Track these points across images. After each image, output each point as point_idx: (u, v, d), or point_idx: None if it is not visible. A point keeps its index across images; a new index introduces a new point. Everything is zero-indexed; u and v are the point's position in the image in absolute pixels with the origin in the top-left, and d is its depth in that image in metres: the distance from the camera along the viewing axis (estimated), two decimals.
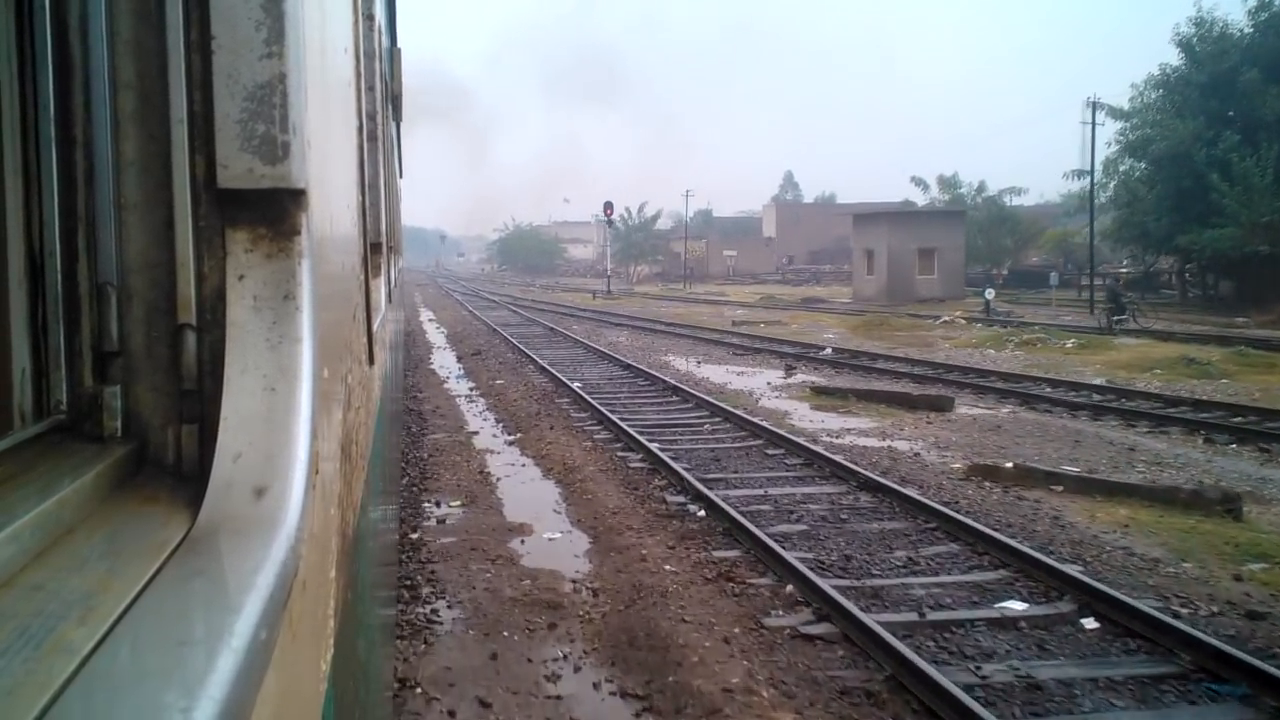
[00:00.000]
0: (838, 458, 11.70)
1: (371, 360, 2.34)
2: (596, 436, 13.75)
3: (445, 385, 20.03)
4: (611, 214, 62.82)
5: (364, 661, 2.06)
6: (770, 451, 12.55)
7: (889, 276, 48.84)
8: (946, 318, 35.63)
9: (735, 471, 11.55)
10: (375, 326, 2.55)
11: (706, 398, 16.39)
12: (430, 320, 40.06)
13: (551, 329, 32.22)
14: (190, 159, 1.02)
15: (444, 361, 24.56)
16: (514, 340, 27.97)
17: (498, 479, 11.57)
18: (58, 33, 1.01)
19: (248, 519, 0.88)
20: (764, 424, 13.79)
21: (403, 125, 10.58)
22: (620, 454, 12.59)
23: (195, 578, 0.80)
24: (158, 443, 1.04)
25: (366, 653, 2.17)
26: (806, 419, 15.35)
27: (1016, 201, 64.23)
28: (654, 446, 12.28)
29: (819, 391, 17.90)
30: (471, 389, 19.28)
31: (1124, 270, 55.23)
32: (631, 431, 13.21)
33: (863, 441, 13.51)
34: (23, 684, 0.61)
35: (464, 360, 24.30)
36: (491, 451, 13.30)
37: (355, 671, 1.77)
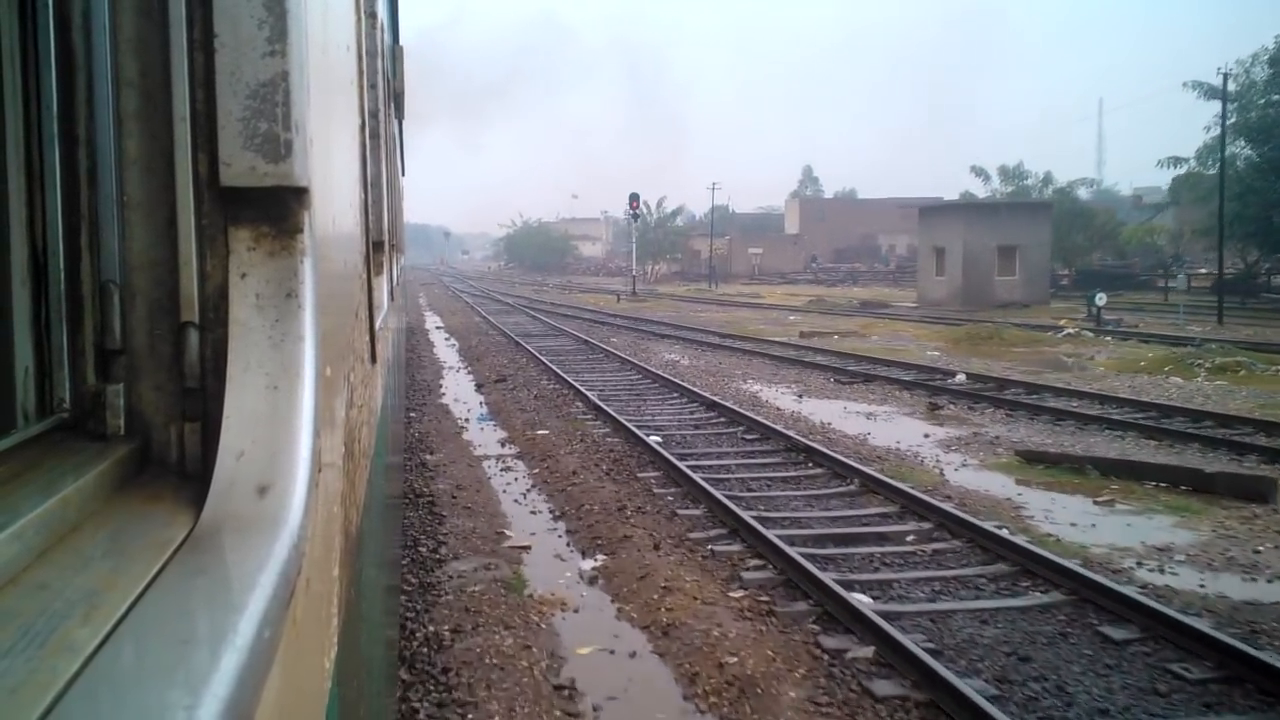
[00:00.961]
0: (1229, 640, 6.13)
1: (374, 358, 2.34)
2: (743, 569, 7.82)
3: (464, 435, 14.34)
4: (637, 207, 57.63)
5: (367, 660, 2.06)
6: (1097, 624, 6.75)
7: (964, 278, 42.89)
8: (1069, 329, 29.66)
9: (1067, 688, 5.79)
10: (377, 325, 2.55)
11: (868, 470, 10.74)
12: (438, 328, 35.02)
13: (585, 341, 26.98)
14: (193, 157, 1.02)
15: (459, 392, 18.93)
16: (544, 359, 22.16)
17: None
18: (61, 30, 1.01)
19: (251, 517, 0.88)
20: (1023, 543, 8.19)
21: (409, 116, 10.57)
22: (816, 629, 6.67)
23: (199, 576, 0.80)
24: (160, 441, 1.04)
25: (370, 651, 2.17)
26: (1060, 519, 9.64)
27: (1078, 194, 58.32)
28: (878, 619, 6.41)
29: (1029, 458, 11.92)
30: (503, 444, 13.64)
31: (1201, 271, 50.47)
32: (808, 566, 7.47)
33: (1221, 585, 7.80)
34: (26, 683, 0.61)
35: (486, 389, 18.79)
36: (563, 611, 7.15)
37: (359, 670, 1.77)
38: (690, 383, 18.18)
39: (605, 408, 15.09)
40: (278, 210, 1.03)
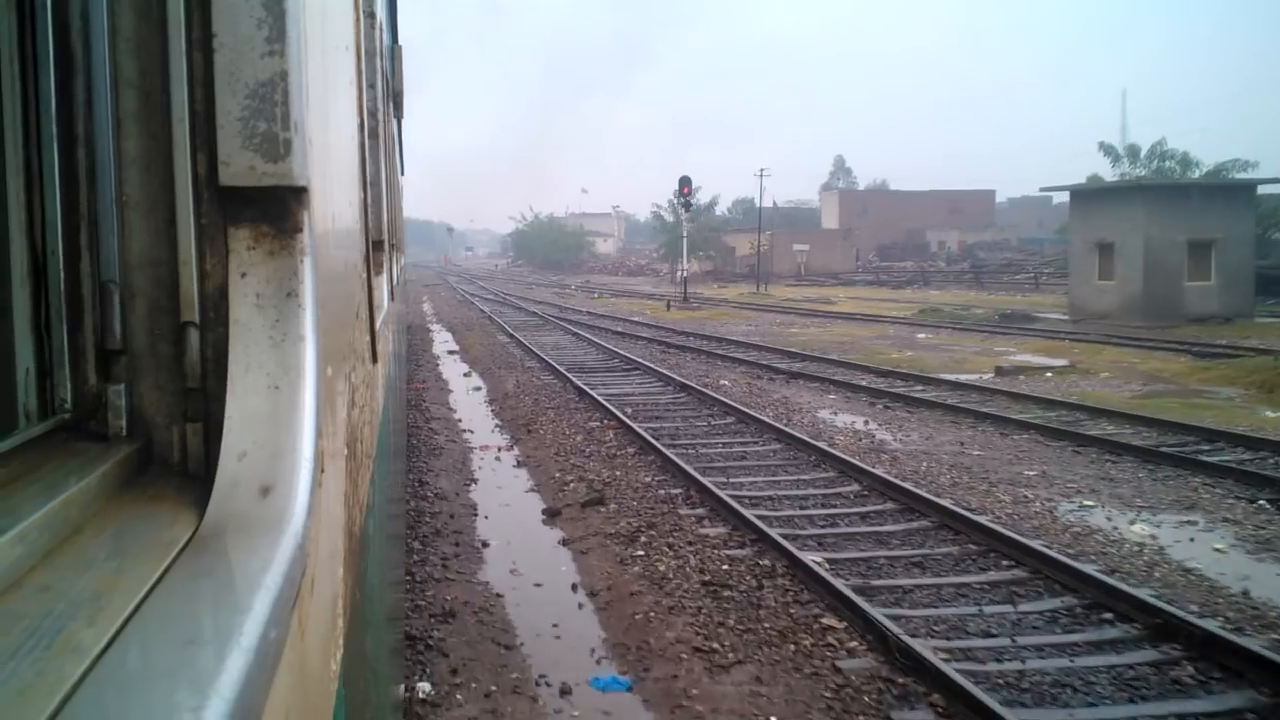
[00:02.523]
0: None
1: (375, 358, 2.34)
2: None
3: None
4: (689, 192, 47.14)
5: (373, 660, 2.06)
6: None
7: (1145, 282, 32.18)
8: None
9: None
10: (378, 324, 2.55)
11: None
12: (450, 353, 25.05)
13: (674, 381, 17.90)
14: (192, 157, 1.01)
15: (517, 543, 9.05)
16: (637, 426, 13.32)
17: None
18: (59, 31, 1.00)
19: (254, 518, 0.88)
20: None
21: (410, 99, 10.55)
22: None
23: (203, 577, 0.79)
24: (162, 441, 1.04)
25: (376, 651, 2.17)
26: None
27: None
28: None
29: None
30: None
31: None
32: None
33: None
34: (33, 685, 0.61)
35: (567, 528, 9.46)
36: None
37: (365, 671, 1.77)
38: (930, 490, 10.02)
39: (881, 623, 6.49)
40: (277, 210, 1.03)
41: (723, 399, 15.73)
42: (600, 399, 15.85)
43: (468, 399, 17.99)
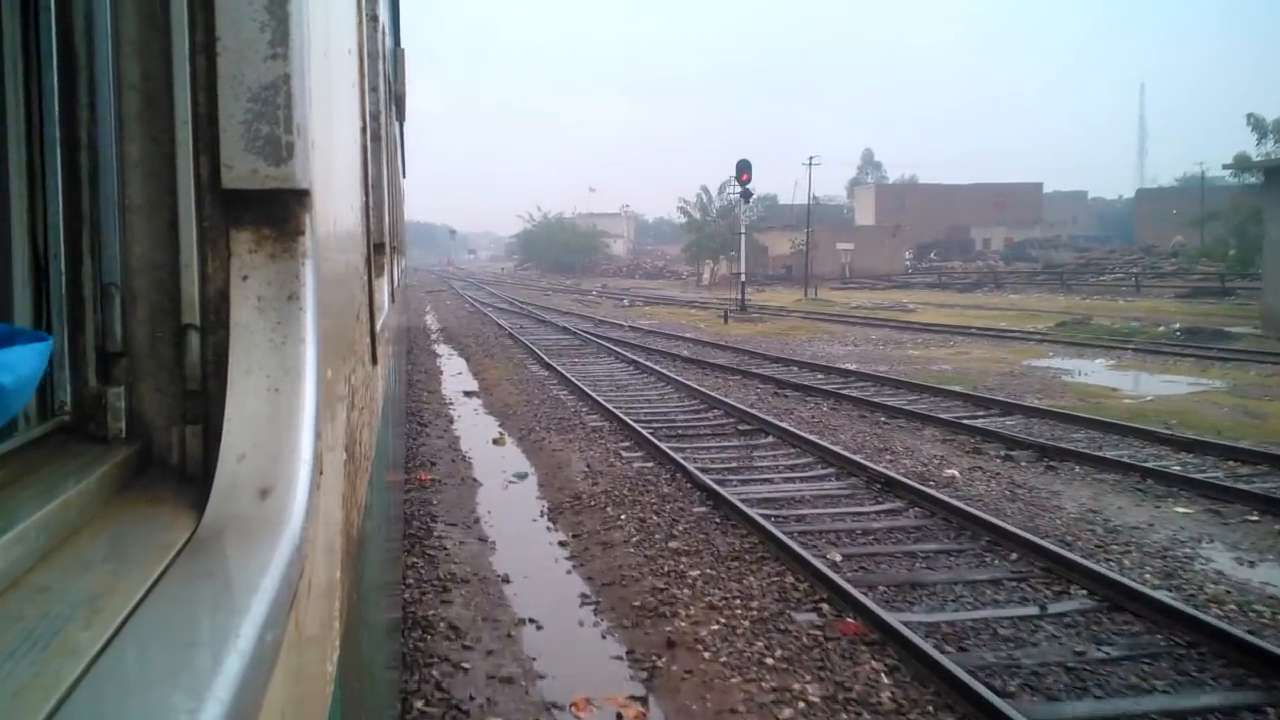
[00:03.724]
0: None
1: (375, 360, 2.34)
2: None
3: None
4: (748, 179, 37.68)
5: (370, 662, 2.06)
6: None
7: None
8: None
9: None
10: (378, 326, 2.55)
11: None
12: (467, 395, 17.39)
13: (886, 480, 9.73)
14: (194, 160, 1.02)
15: None
16: (849, 591, 6.58)
17: None
18: (63, 34, 1.01)
19: (252, 520, 0.88)
20: None
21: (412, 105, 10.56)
22: None
23: (201, 579, 0.80)
24: (162, 444, 1.04)
25: (372, 654, 2.17)
26: None
27: None
28: None
29: None
30: None
31: None
32: None
33: None
34: (29, 686, 0.61)
35: None
36: None
37: (361, 673, 1.77)
38: None
39: None
40: (279, 212, 1.03)
41: (988, 519, 8.27)
42: (778, 534, 7.83)
43: (509, 512, 9.67)
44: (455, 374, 20.82)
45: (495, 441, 13.25)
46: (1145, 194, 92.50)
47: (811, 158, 60.81)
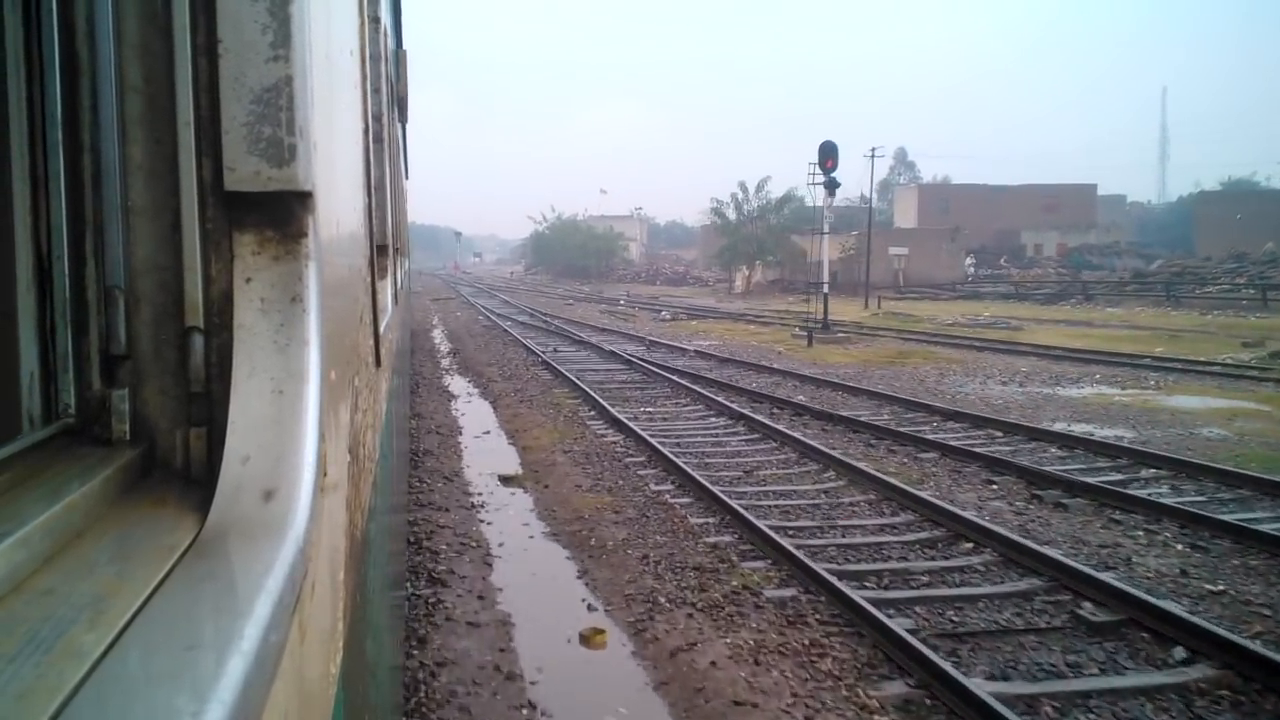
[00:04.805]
0: None
1: (378, 362, 2.34)
2: None
3: None
4: (833, 166, 30.72)
5: (373, 664, 2.06)
6: None
7: None
8: None
9: None
10: (382, 328, 2.55)
11: None
12: (507, 496, 10.30)
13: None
14: (197, 162, 1.02)
15: None
16: None
17: None
18: (65, 36, 1.01)
19: (256, 522, 0.88)
20: None
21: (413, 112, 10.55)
22: None
23: (204, 581, 0.80)
24: (166, 446, 1.04)
25: (376, 655, 2.17)
26: None
27: None
28: None
29: None
30: None
31: None
32: None
33: None
34: (34, 688, 0.61)
35: None
36: None
37: (365, 674, 1.77)
38: None
39: None
40: (282, 215, 1.03)
41: None
42: None
43: None
44: (479, 435, 13.87)
45: (586, 641, 6.35)
46: (1207, 197, 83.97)
47: (875, 149, 53.93)
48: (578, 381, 17.95)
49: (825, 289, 31.67)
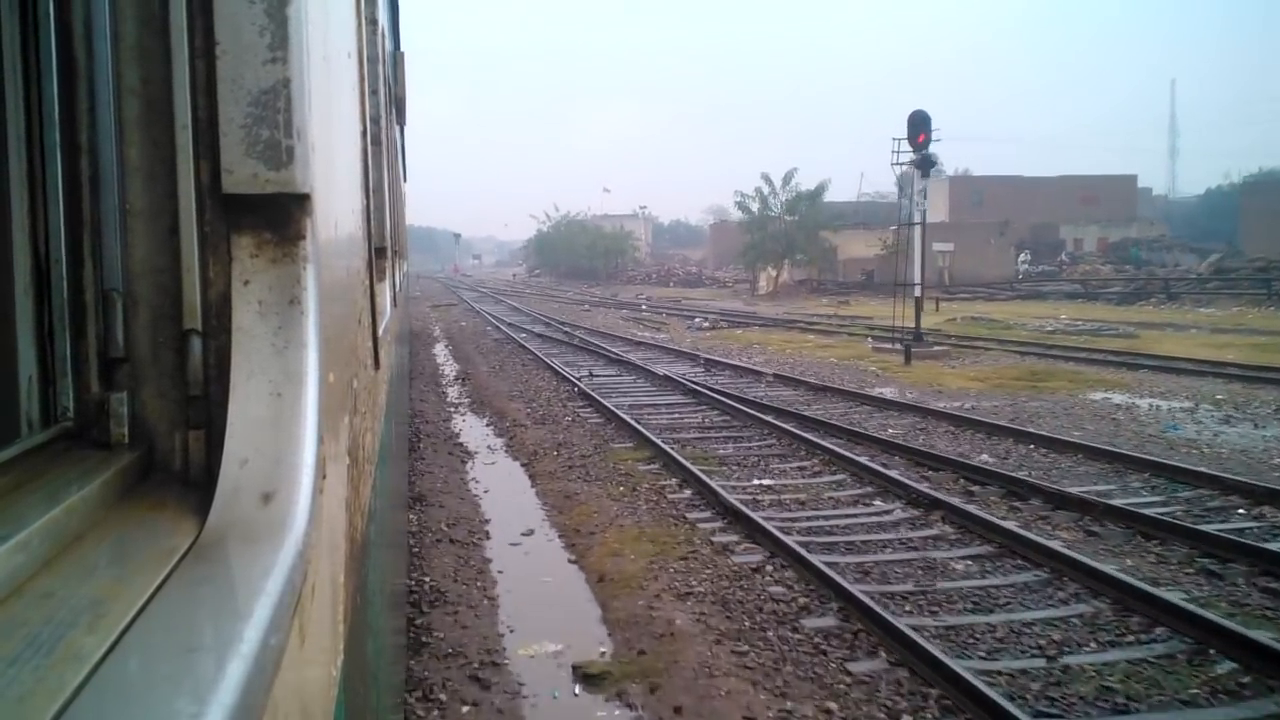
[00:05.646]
0: None
1: (377, 364, 2.34)
2: None
3: None
4: (926, 140, 25.29)
5: (374, 667, 2.05)
6: None
7: None
8: None
9: None
10: (380, 330, 2.55)
11: None
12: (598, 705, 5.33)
13: None
14: (195, 164, 1.02)
15: None
16: None
17: None
18: (62, 38, 1.01)
19: (255, 524, 0.88)
20: None
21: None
22: None
23: (204, 584, 0.79)
24: (164, 449, 1.04)
25: (376, 658, 2.17)
26: None
27: None
28: None
29: None
30: None
31: None
32: None
33: None
34: (33, 692, 0.61)
35: None
36: None
37: (365, 677, 1.77)
38: None
39: None
40: (280, 217, 1.03)
41: None
42: None
43: None
44: (516, 540, 8.89)
45: None
46: (1254, 187, 75.50)
47: (936, 129, 49.39)
48: (638, 427, 12.71)
49: (919, 293, 25.35)
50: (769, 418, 13.63)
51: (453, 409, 16.58)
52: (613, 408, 14.79)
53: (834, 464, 11.09)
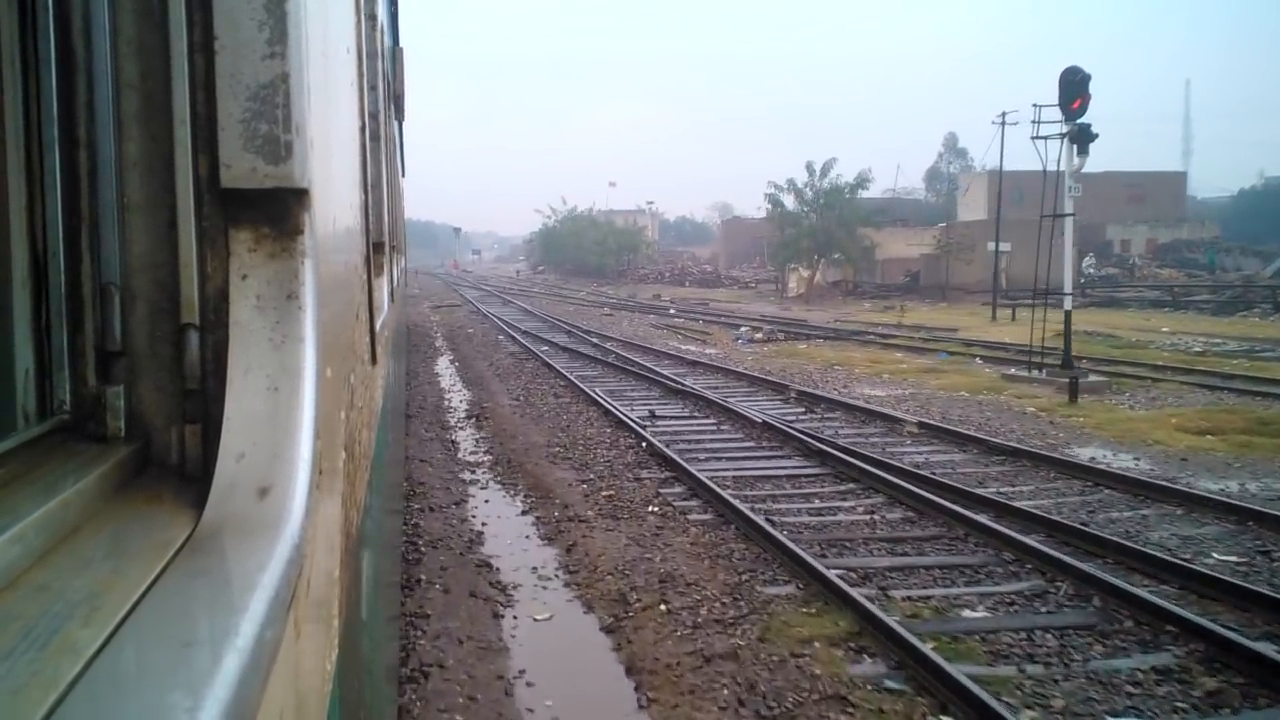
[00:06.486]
0: None
1: (374, 359, 2.34)
2: None
3: None
4: (1082, 107, 18.96)
5: (369, 661, 2.06)
6: None
7: None
8: None
9: None
10: (378, 326, 2.55)
11: None
12: None
13: None
14: (193, 159, 1.02)
15: None
16: None
17: None
18: (61, 33, 1.01)
19: (251, 519, 0.88)
20: None
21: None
22: None
23: (199, 578, 0.80)
24: (161, 443, 1.04)
25: (371, 652, 2.17)
26: None
27: None
28: None
29: None
30: None
31: None
32: None
33: None
34: (28, 685, 0.61)
35: None
36: None
37: (360, 671, 1.77)
38: None
39: None
40: (278, 212, 1.03)
41: None
42: None
43: None
44: None
45: None
46: None
47: (1005, 113, 43.06)
48: (794, 548, 7.68)
49: (1069, 305, 20.08)
50: (982, 516, 8.66)
51: (468, 480, 10.75)
52: (712, 484, 9.65)
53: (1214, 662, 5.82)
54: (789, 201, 51.16)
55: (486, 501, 9.95)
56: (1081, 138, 19.26)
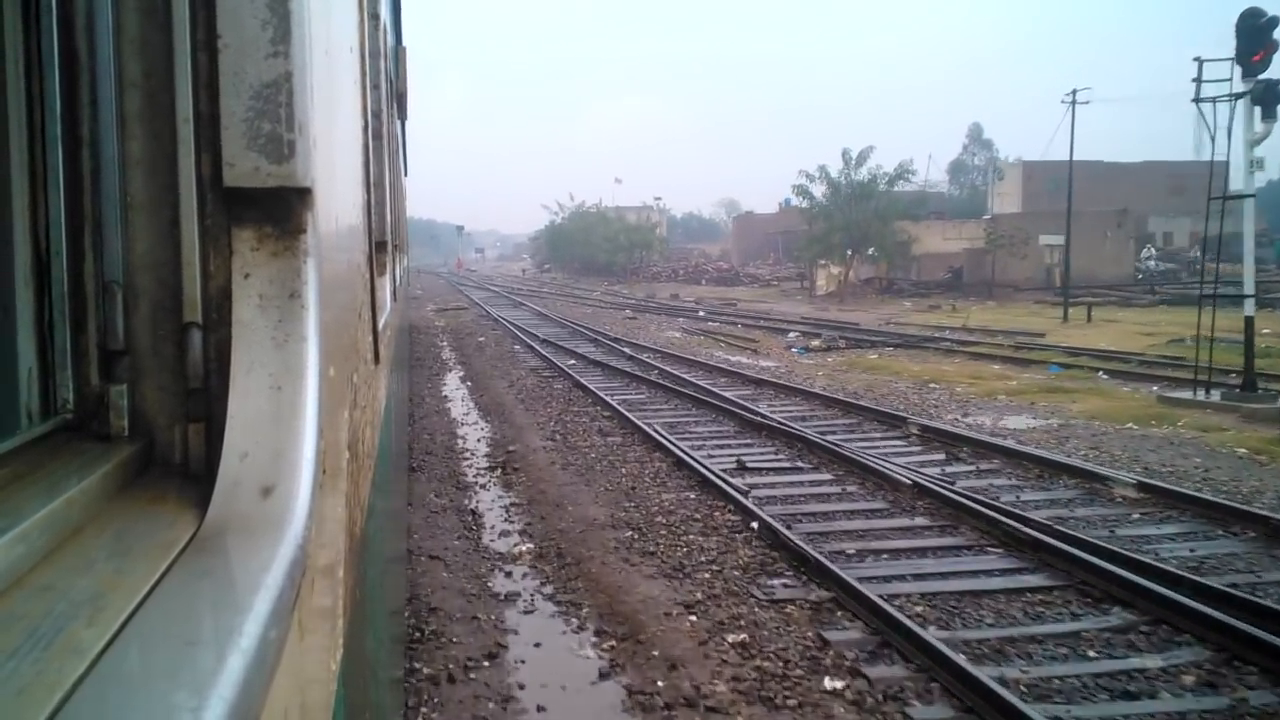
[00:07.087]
0: None
1: (377, 358, 2.34)
2: None
3: None
4: (1264, 59, 15.12)
5: (373, 661, 2.06)
6: None
7: None
8: None
9: None
10: (380, 325, 2.55)
11: None
12: None
13: None
14: (196, 158, 1.02)
15: None
16: None
17: None
18: (64, 31, 1.01)
19: (255, 518, 0.88)
20: None
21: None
22: None
23: (203, 577, 0.80)
24: (164, 442, 1.04)
25: (376, 652, 2.17)
26: None
27: None
28: None
29: None
30: None
31: None
32: None
33: None
34: (33, 685, 0.61)
35: None
36: None
37: (365, 671, 1.77)
38: None
39: None
40: (281, 211, 1.03)
41: None
42: None
43: None
44: None
45: None
46: None
47: (1075, 91, 39.55)
48: None
49: (1251, 309, 16.18)
50: None
51: (502, 594, 7.07)
52: (910, 623, 6.04)
53: None
54: (818, 192, 47.85)
55: (537, 646, 6.18)
56: (1269, 97, 15.32)
